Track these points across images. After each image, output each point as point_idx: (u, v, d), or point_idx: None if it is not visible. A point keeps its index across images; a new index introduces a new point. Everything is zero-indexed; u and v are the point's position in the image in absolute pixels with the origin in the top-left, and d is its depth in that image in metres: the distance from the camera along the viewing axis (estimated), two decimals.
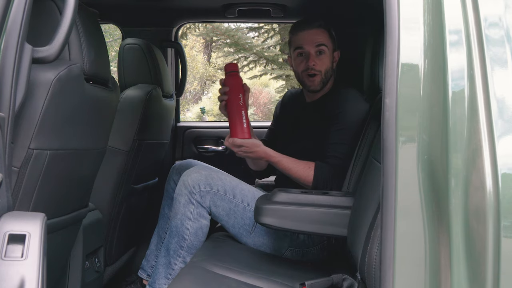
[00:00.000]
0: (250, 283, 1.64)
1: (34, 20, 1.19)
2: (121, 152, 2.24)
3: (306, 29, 2.18)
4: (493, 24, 1.02)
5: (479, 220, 0.96)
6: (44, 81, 1.31)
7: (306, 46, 2.17)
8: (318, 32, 2.17)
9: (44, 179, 1.38)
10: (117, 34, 10.77)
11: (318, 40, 2.16)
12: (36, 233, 0.98)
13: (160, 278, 2.03)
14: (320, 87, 2.21)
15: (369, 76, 2.14)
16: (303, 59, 2.18)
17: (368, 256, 1.29)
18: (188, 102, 13.12)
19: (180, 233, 1.99)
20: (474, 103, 0.99)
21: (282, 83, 8.35)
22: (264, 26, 7.49)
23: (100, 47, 1.57)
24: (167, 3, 2.79)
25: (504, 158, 0.96)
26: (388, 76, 1.04)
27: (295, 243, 2.01)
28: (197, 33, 8.77)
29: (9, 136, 1.08)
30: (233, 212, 2.00)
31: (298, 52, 2.19)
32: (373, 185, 1.41)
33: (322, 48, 2.16)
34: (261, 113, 11.31)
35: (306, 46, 2.17)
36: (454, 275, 0.97)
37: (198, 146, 3.15)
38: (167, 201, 2.36)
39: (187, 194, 1.97)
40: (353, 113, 2.09)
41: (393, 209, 1.01)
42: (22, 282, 0.93)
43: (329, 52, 2.18)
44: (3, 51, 1.09)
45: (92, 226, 1.99)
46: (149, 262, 2.33)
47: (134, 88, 2.36)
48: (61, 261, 1.78)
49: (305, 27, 2.18)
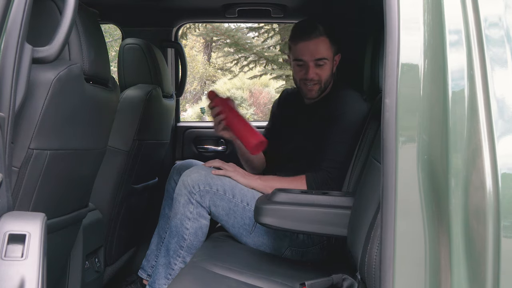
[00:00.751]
0: (250, 283, 1.64)
1: (34, 20, 1.19)
2: (121, 152, 2.24)
3: (305, 40, 2.11)
4: (493, 24, 1.02)
5: (479, 220, 0.96)
6: (44, 81, 1.31)
7: (305, 58, 2.12)
8: (317, 43, 2.11)
9: (44, 179, 1.38)
10: (117, 34, 10.77)
11: (318, 54, 2.11)
12: (36, 233, 0.98)
13: (160, 278, 2.03)
14: (318, 95, 2.20)
15: (369, 76, 2.15)
16: (302, 68, 2.15)
17: (368, 256, 1.29)
18: (188, 102, 13.12)
19: (179, 233, 1.99)
20: (474, 103, 0.99)
21: (282, 83, 8.35)
22: (264, 26, 7.49)
23: (100, 47, 1.57)
24: (167, 3, 2.79)
25: (504, 158, 0.96)
26: (388, 76, 1.04)
27: (294, 243, 2.01)
28: (197, 33, 8.77)
29: (9, 136, 1.08)
30: (232, 211, 2.00)
31: (297, 62, 2.15)
32: (373, 185, 1.41)
33: (323, 61, 2.12)
34: (261, 113, 11.31)
35: (305, 58, 2.12)
36: (454, 275, 0.97)
37: (198, 146, 3.15)
38: (168, 201, 2.36)
39: (187, 194, 1.97)
40: (353, 115, 2.09)
41: (393, 209, 1.01)
42: (22, 282, 0.93)
43: (329, 61, 2.14)
44: (3, 51, 1.09)
45: (92, 226, 1.99)
46: (149, 262, 2.33)
47: (134, 88, 2.36)
48: (61, 261, 1.78)
49: (304, 37, 2.11)
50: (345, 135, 2.06)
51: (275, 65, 7.84)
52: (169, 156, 3.07)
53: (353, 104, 2.12)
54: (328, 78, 2.17)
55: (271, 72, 8.25)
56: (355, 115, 2.08)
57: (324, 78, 2.15)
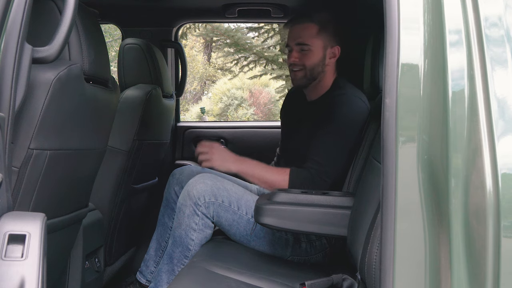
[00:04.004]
0: (250, 283, 1.64)
1: (34, 20, 1.19)
2: (121, 152, 2.23)
3: (292, 25, 2.16)
4: (493, 24, 1.02)
5: (479, 220, 0.96)
6: (44, 81, 1.31)
7: (290, 42, 2.15)
8: (302, 28, 2.11)
9: (44, 179, 1.38)
10: (117, 34, 10.77)
11: (300, 38, 2.11)
12: (36, 233, 0.98)
13: (163, 285, 2.02)
14: (305, 82, 2.15)
15: (369, 76, 2.14)
16: (289, 55, 2.16)
17: (368, 256, 1.29)
18: (188, 102, 13.12)
19: (184, 244, 1.97)
20: (474, 103, 0.99)
21: (282, 83, 8.35)
22: (264, 26, 7.49)
23: (100, 47, 1.57)
24: (167, 3, 2.79)
25: (504, 158, 0.96)
26: (388, 76, 1.04)
27: (297, 252, 1.99)
28: (197, 33, 8.77)
29: (9, 136, 1.08)
30: (236, 223, 1.98)
31: (287, 49, 2.19)
32: (373, 185, 1.41)
33: (306, 47, 2.10)
34: (261, 113, 11.31)
35: (289, 42, 2.15)
36: (454, 275, 0.97)
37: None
38: (167, 210, 2.31)
39: (192, 205, 1.95)
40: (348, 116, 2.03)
41: (393, 209, 1.01)
42: (22, 282, 0.93)
43: (315, 49, 2.10)
44: (3, 51, 1.09)
45: (92, 226, 1.99)
46: (148, 268, 2.30)
47: (134, 88, 2.36)
48: (61, 261, 1.78)
49: (292, 22, 2.16)
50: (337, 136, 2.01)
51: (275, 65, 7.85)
52: (169, 156, 3.07)
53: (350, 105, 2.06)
54: (314, 66, 2.11)
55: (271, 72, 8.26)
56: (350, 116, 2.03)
57: (309, 65, 2.11)
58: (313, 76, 2.13)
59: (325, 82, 2.17)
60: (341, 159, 2.00)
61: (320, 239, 1.98)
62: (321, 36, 2.11)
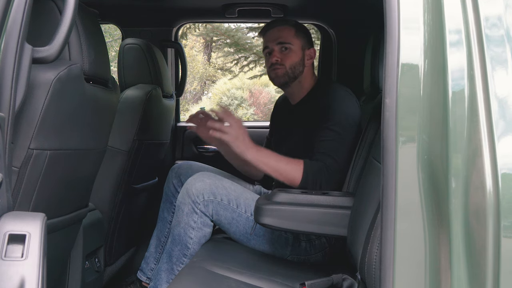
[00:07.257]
0: (250, 283, 1.64)
1: (34, 20, 1.19)
2: (121, 152, 2.23)
3: (270, 28, 2.20)
4: (493, 23, 1.02)
5: (479, 220, 0.96)
6: (44, 81, 1.31)
7: (270, 44, 2.18)
8: (281, 29, 2.18)
9: (44, 179, 1.38)
10: (117, 34, 10.76)
11: (281, 38, 2.16)
12: (36, 233, 0.98)
13: (162, 284, 2.02)
14: (286, 80, 2.17)
15: (369, 76, 2.15)
16: (269, 57, 2.19)
17: (368, 256, 1.29)
18: (188, 102, 13.12)
19: (183, 242, 1.98)
20: (474, 103, 0.99)
21: None
22: None
23: (100, 47, 1.57)
24: (167, 3, 2.79)
25: (504, 158, 0.96)
26: (388, 76, 1.04)
27: (296, 251, 1.99)
28: (197, 33, 8.79)
29: (9, 136, 1.08)
30: (235, 221, 1.98)
31: (266, 52, 2.21)
32: (373, 185, 1.41)
33: (285, 45, 2.15)
34: (261, 113, 11.31)
35: (269, 44, 2.19)
36: (454, 275, 0.97)
37: (198, 146, 3.15)
38: (166, 204, 2.33)
39: (191, 204, 1.95)
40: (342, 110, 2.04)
41: (393, 209, 1.01)
42: (22, 282, 0.93)
43: (295, 49, 2.16)
44: (3, 51, 1.09)
45: (92, 226, 1.99)
46: (148, 265, 2.31)
47: (134, 88, 2.36)
48: (61, 261, 1.78)
49: (269, 27, 2.21)
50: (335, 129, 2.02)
51: None
52: (169, 156, 3.07)
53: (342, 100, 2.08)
54: (295, 66, 2.15)
55: None
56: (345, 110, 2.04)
57: (290, 64, 2.15)
58: (294, 75, 2.17)
59: (305, 84, 2.21)
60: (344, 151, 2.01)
61: (319, 238, 1.98)
62: (299, 37, 2.18)
